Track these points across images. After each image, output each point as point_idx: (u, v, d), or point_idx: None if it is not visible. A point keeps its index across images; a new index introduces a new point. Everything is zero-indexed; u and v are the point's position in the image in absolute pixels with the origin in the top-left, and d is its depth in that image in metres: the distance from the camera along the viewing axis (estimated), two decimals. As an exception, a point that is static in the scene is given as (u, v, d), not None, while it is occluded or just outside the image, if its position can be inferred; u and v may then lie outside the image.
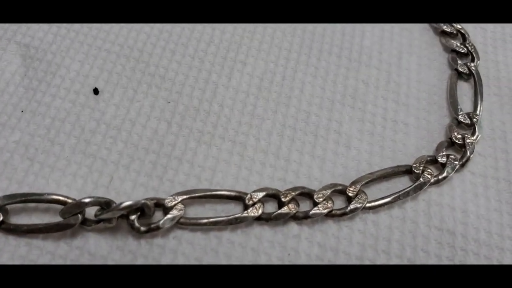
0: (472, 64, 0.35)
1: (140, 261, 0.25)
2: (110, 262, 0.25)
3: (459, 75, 0.34)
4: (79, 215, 0.25)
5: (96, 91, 0.31)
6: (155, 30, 0.34)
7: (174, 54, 0.33)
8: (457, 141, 0.31)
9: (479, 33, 0.37)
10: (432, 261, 0.27)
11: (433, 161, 0.30)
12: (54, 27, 0.33)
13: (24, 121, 0.29)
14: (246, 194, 0.27)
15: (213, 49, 0.34)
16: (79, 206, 0.25)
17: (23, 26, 0.33)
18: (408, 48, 0.35)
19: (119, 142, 0.29)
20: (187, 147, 0.29)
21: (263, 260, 0.26)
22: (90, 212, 0.26)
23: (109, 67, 0.32)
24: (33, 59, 0.32)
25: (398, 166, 0.29)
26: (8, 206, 0.26)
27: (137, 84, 0.32)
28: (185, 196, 0.27)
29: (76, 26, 0.34)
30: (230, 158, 0.29)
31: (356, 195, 0.28)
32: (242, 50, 0.34)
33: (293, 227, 0.27)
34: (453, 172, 0.29)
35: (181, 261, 0.25)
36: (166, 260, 0.25)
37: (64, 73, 0.31)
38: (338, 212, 0.27)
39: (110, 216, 0.25)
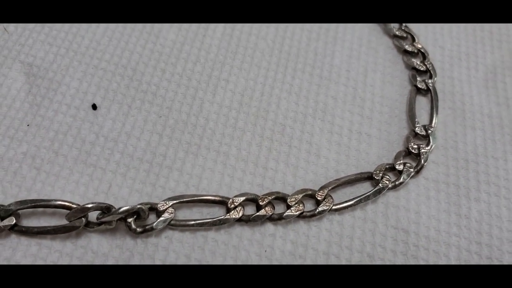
0: (430, 81, 0.38)
1: (136, 258, 0.28)
2: (110, 259, 0.28)
3: (418, 90, 0.37)
4: (83, 218, 0.27)
5: (94, 107, 0.33)
6: (147, 51, 0.36)
7: (164, 73, 0.36)
8: (413, 151, 0.34)
9: (438, 52, 0.41)
10: (388, 256, 0.30)
11: (391, 168, 0.33)
12: (54, 47, 0.35)
13: (30, 134, 0.31)
14: (228, 198, 0.30)
15: (199, 68, 0.36)
16: (83, 211, 0.27)
17: (26, 46, 0.35)
18: (373, 66, 0.39)
19: (116, 153, 0.32)
20: (176, 157, 0.32)
21: (243, 256, 0.29)
22: (93, 215, 0.28)
23: (105, 85, 0.34)
24: (36, 77, 0.34)
25: (360, 173, 0.33)
26: (19, 211, 0.28)
27: (131, 100, 0.34)
28: (175, 201, 0.29)
29: (74, 46, 0.36)
30: (214, 167, 0.32)
31: (324, 198, 0.31)
32: (225, 69, 0.37)
33: (269, 227, 0.30)
34: (408, 178, 0.33)
35: (172, 257, 0.28)
36: (159, 257, 0.28)
37: (65, 90, 0.33)
38: (308, 213, 0.30)
39: (110, 219, 0.28)
